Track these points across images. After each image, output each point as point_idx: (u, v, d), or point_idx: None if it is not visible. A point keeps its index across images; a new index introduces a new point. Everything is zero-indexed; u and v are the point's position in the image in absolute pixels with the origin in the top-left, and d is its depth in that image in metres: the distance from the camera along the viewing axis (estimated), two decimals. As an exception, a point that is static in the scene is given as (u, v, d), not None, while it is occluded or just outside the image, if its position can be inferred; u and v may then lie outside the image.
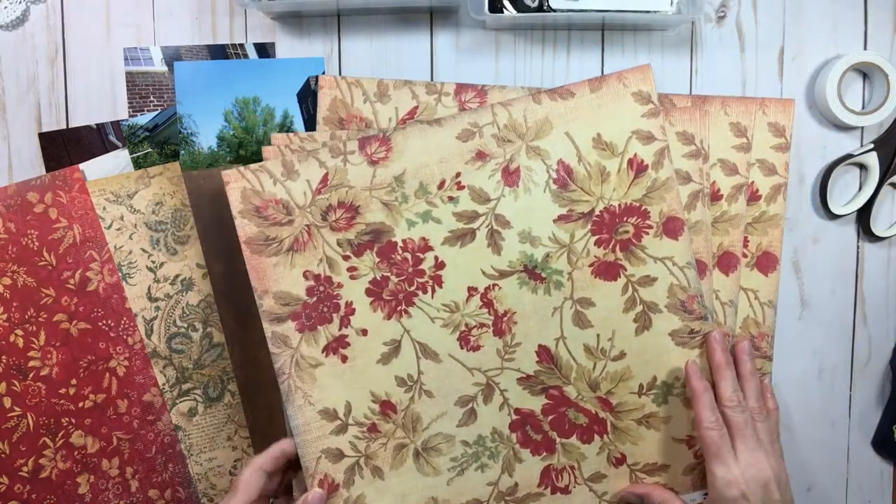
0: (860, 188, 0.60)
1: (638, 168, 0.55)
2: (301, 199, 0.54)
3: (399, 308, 0.55)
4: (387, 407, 0.55)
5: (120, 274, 0.58)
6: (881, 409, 0.61)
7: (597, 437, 0.55)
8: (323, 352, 0.54)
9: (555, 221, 0.55)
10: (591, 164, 0.55)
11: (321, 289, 0.54)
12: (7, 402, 0.57)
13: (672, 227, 0.55)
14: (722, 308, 0.57)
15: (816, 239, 0.60)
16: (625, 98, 0.55)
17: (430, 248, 0.55)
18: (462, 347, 0.55)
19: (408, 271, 0.55)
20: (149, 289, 0.58)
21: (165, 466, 0.59)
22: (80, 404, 0.58)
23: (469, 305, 0.55)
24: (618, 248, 0.55)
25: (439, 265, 0.55)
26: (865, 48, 0.59)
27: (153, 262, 0.58)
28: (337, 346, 0.54)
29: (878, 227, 0.60)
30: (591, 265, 0.55)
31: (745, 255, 0.58)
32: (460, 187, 0.55)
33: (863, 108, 0.60)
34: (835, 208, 0.59)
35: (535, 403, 0.55)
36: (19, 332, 0.57)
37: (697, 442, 0.55)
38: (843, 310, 0.61)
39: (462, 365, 0.55)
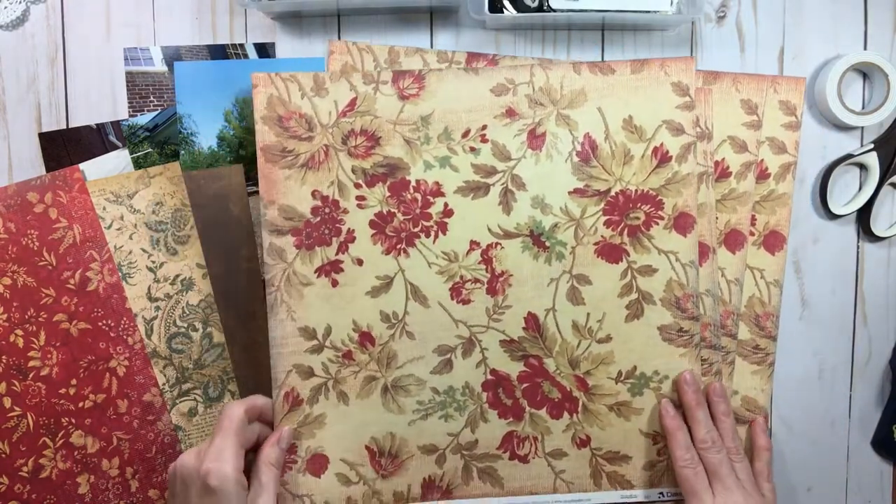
0: (860, 188, 0.60)
1: (662, 157, 0.54)
2: (325, 118, 0.54)
3: (399, 246, 0.55)
4: (366, 338, 0.55)
5: (120, 274, 0.58)
6: (881, 409, 0.61)
7: (566, 414, 0.55)
8: (316, 272, 0.55)
9: (570, 193, 0.55)
10: (617, 144, 0.54)
11: (327, 211, 0.55)
12: (7, 402, 0.57)
13: (683, 223, 0.55)
14: (728, 286, 0.57)
15: (816, 239, 0.60)
16: (664, 85, 0.54)
17: (442, 194, 0.55)
18: (453, 298, 0.55)
19: (415, 212, 0.55)
20: (149, 289, 0.58)
21: (165, 466, 0.59)
22: (80, 404, 0.58)
23: (468, 258, 0.55)
24: (626, 232, 0.55)
25: (447, 212, 0.55)
26: (865, 48, 0.59)
27: (153, 262, 0.58)
28: (331, 269, 0.55)
29: (878, 227, 0.60)
30: (595, 244, 0.55)
31: (752, 234, 0.58)
32: (484, 140, 0.55)
33: (863, 108, 0.60)
34: (835, 208, 0.59)
35: (513, 368, 0.55)
36: (19, 332, 0.57)
37: (662, 439, 0.55)
38: (843, 310, 0.61)
39: (449, 315, 0.55)
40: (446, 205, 0.55)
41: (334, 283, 0.55)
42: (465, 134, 0.54)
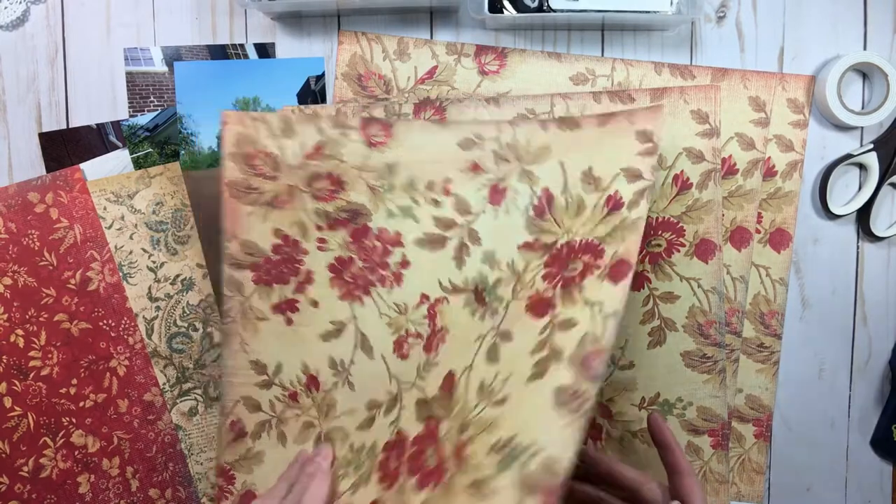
0: (860, 188, 0.60)
1: (614, 205, 0.50)
2: (291, 160, 0.54)
3: (356, 293, 0.54)
4: (312, 382, 0.54)
5: (120, 274, 0.58)
6: (881, 409, 0.61)
7: (432, 484, 0.47)
8: (272, 309, 0.54)
9: (519, 248, 0.52)
10: (573, 196, 0.52)
11: (287, 250, 0.54)
12: (7, 402, 0.57)
13: (618, 271, 0.48)
14: (733, 284, 0.58)
15: (816, 239, 0.60)
16: (628, 134, 0.51)
17: (401, 245, 0.54)
18: (395, 352, 0.54)
19: (374, 260, 0.54)
20: (149, 289, 0.58)
21: (166, 466, 0.59)
22: (81, 404, 0.58)
23: (416, 312, 0.54)
24: (559, 285, 0.49)
25: (404, 263, 0.54)
26: (865, 48, 0.59)
27: (154, 262, 0.58)
28: (286, 307, 0.54)
29: (877, 227, 0.60)
30: (528, 298, 0.50)
31: (758, 231, 0.58)
32: (447, 193, 0.53)
33: (863, 108, 0.60)
34: (835, 208, 0.59)
35: (413, 431, 0.50)
36: (20, 331, 0.57)
37: None
38: (843, 310, 0.61)
39: (387, 369, 0.54)
40: (404, 255, 0.54)
41: (289, 322, 0.54)
42: (429, 186, 0.53)
